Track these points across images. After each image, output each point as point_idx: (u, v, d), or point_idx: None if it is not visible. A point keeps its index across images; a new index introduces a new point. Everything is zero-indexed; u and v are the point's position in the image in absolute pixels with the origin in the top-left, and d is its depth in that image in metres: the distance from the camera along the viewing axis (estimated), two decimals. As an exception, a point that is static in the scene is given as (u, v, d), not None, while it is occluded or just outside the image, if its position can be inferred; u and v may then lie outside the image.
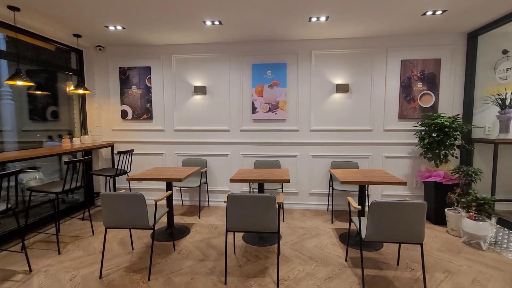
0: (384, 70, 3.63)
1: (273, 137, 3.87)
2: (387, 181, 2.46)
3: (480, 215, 2.66)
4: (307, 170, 3.85)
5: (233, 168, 3.97)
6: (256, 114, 3.85)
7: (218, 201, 4.05)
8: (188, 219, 3.48)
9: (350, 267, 2.30)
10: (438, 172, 3.18)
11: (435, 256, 2.49)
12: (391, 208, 1.84)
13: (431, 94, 3.58)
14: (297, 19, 3.00)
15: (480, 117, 3.55)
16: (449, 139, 3.19)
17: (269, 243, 2.75)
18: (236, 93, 3.88)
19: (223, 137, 3.95)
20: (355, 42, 3.64)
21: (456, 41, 3.51)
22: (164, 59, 3.96)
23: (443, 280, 2.11)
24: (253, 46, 3.79)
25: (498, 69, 3.41)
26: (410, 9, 2.77)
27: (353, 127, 3.74)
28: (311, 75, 3.73)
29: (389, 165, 3.73)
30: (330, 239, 2.85)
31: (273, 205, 2.03)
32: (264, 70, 3.78)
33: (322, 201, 3.87)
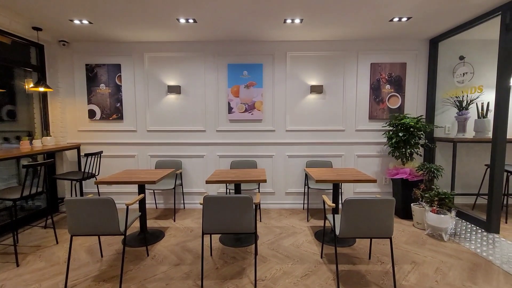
0: (355, 73, 3.79)
1: (249, 138, 3.87)
2: (359, 179, 2.57)
3: (442, 208, 2.86)
4: (283, 170, 3.90)
5: (209, 169, 3.91)
6: (232, 115, 3.82)
7: (194, 203, 3.96)
8: (162, 223, 3.36)
9: (325, 264, 2.36)
10: (404, 169, 3.38)
11: (402, 248, 2.64)
12: (363, 205, 1.92)
13: (398, 96, 3.80)
14: (273, 20, 3.03)
15: (441, 117, 3.83)
16: (414, 139, 3.40)
17: (247, 243, 2.74)
18: (211, 93, 3.82)
19: (198, 137, 3.88)
20: (328, 45, 3.76)
21: (419, 46, 3.76)
22: (136, 57, 3.80)
23: (410, 271, 2.24)
24: (229, 46, 3.77)
25: (456, 73, 3.70)
26: (378, 15, 2.91)
27: (327, 127, 3.85)
28: (287, 76, 3.79)
29: (361, 164, 3.89)
30: (306, 237, 2.91)
31: (250, 206, 2.02)
32: (240, 70, 3.77)
33: (298, 200, 3.94)
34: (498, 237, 2.81)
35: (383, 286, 2.03)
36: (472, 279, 2.11)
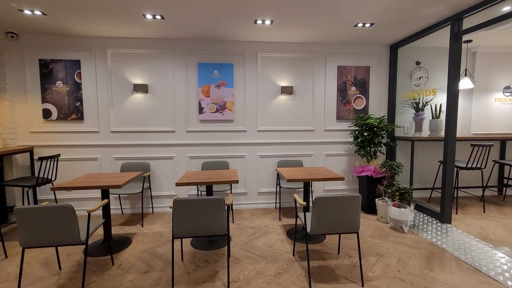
0: (323, 75, 3.92)
1: (221, 138, 3.82)
2: (328, 177, 2.66)
3: (402, 203, 3.08)
4: (255, 170, 3.91)
5: (179, 171, 3.79)
6: (203, 115, 3.74)
7: (163, 207, 3.81)
8: (129, 229, 3.18)
9: (297, 261, 2.41)
10: (369, 167, 3.57)
11: (368, 242, 2.79)
12: (332, 202, 1.99)
13: (362, 98, 4.01)
14: (243, 20, 3.02)
15: (400, 118, 4.12)
16: (377, 138, 3.61)
17: (219, 246, 2.70)
18: (181, 92, 3.71)
19: (168, 138, 3.74)
20: (298, 47, 3.85)
21: (381, 51, 4.00)
22: (97, 53, 3.55)
23: (375, 263, 2.37)
24: (199, 45, 3.69)
25: (413, 77, 4.01)
26: (344, 20, 3.04)
27: (297, 127, 3.94)
28: (258, 76, 3.81)
29: (330, 162, 4.04)
30: (278, 236, 2.95)
31: (222, 207, 1.99)
32: (211, 69, 3.71)
33: (270, 199, 3.98)
34: (450, 227, 3.09)
35: (351, 279, 2.13)
36: (429, 267, 2.29)
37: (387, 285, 2.04)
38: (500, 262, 2.32)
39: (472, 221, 3.29)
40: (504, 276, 2.11)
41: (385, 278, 2.13)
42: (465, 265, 2.31)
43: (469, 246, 2.62)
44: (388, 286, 2.04)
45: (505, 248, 2.57)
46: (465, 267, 2.28)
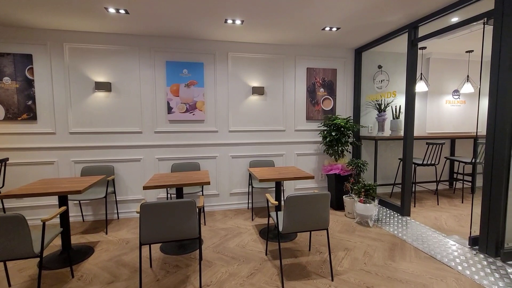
0: (293, 76, 4.01)
1: (191, 139, 3.73)
2: (299, 176, 2.72)
3: (367, 198, 3.25)
4: (227, 171, 3.88)
5: (147, 173, 3.62)
6: (172, 115, 3.62)
7: (130, 212, 3.62)
8: (91, 237, 2.96)
9: (270, 260, 2.43)
10: (337, 165, 3.73)
11: (337, 237, 2.91)
12: (303, 201, 2.04)
13: (330, 99, 4.17)
14: (213, 19, 2.97)
15: (365, 118, 4.36)
16: (344, 137, 3.77)
17: (191, 249, 2.63)
18: (148, 91, 3.55)
19: (134, 139, 3.55)
20: (268, 48, 3.88)
21: (347, 55, 4.20)
22: (53, 47, 3.26)
23: (343, 257, 2.48)
24: (167, 42, 3.55)
25: (375, 80, 4.26)
26: (312, 24, 3.14)
27: (268, 127, 3.98)
28: (229, 76, 3.77)
29: (300, 162, 4.14)
30: (251, 236, 2.95)
31: (193, 210, 1.94)
32: (180, 68, 3.59)
33: (243, 200, 3.97)
34: (410, 219, 3.34)
35: (322, 274, 2.19)
36: (392, 257, 2.45)
37: (355, 278, 2.14)
38: (452, 249, 2.55)
39: (428, 213, 3.59)
40: (455, 262, 2.33)
41: (352, 271, 2.23)
42: (422, 254, 2.51)
43: (425, 236, 2.84)
44: (356, 278, 2.13)
45: (455, 236, 2.84)
46: (422, 255, 2.47)
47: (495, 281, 2.04)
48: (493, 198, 2.34)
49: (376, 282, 2.09)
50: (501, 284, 2.01)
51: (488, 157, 2.37)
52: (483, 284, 2.02)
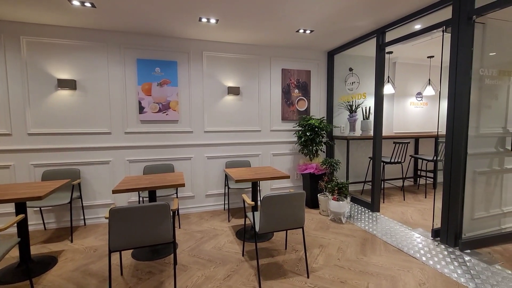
0: (268, 76, 4.04)
1: (165, 140, 3.60)
2: (275, 176, 2.74)
3: (340, 196, 3.37)
4: (202, 172, 3.80)
5: (117, 176, 3.44)
6: (144, 115, 3.47)
7: (99, 218, 3.41)
8: (54, 246, 2.75)
9: (247, 261, 2.42)
10: (312, 165, 3.82)
11: (312, 235, 2.97)
12: (279, 200, 2.05)
13: (305, 100, 4.26)
14: (187, 17, 2.90)
15: (338, 119, 4.51)
16: (318, 137, 3.88)
17: (165, 254, 2.54)
18: (118, 90, 3.37)
19: (103, 141, 3.36)
20: (244, 48, 3.88)
21: (320, 57, 4.32)
22: (8, 40, 2.98)
23: (318, 254, 2.54)
24: (138, 39, 3.41)
25: (347, 82, 4.42)
26: (286, 25, 3.18)
27: (244, 128, 3.97)
28: (204, 76, 3.71)
29: (276, 162, 4.19)
30: (227, 238, 2.92)
31: (167, 213, 1.87)
32: (152, 67, 3.46)
33: (219, 201, 3.92)
34: (379, 215, 3.51)
35: (298, 272, 2.23)
36: (363, 252, 2.56)
37: (329, 274, 2.20)
38: (417, 241, 2.73)
39: (395, 208, 3.80)
40: (420, 253, 2.49)
41: (327, 267, 2.30)
42: (391, 247, 2.65)
43: (393, 231, 3.01)
44: (330, 274, 2.20)
45: (420, 229, 3.04)
46: (391, 249, 2.61)
47: (454, 269, 2.21)
48: (452, 193, 2.53)
49: (349, 276, 2.16)
50: (460, 271, 2.18)
51: (447, 155, 2.56)
52: (444, 272, 2.18)
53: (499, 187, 2.77)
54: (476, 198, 2.65)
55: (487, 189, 2.70)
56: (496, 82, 2.60)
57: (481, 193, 2.67)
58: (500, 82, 2.62)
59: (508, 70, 2.64)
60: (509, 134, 2.70)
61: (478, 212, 2.67)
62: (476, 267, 2.23)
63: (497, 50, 2.57)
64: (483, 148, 2.62)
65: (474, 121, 2.54)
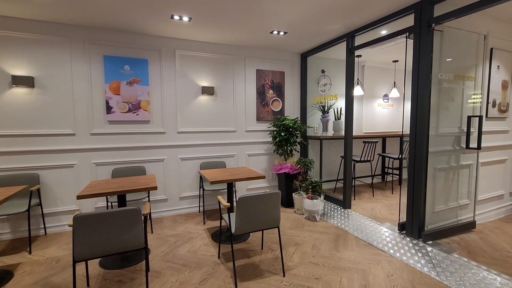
0: (243, 77, 4.03)
1: (135, 141, 3.44)
2: (250, 177, 2.74)
3: (314, 194, 3.45)
4: (176, 174, 3.69)
5: (82, 181, 3.22)
6: (112, 115, 3.29)
7: (62, 226, 3.17)
8: (9, 259, 2.50)
9: (223, 263, 2.39)
10: (286, 164, 3.87)
11: (288, 234, 3.01)
12: (255, 201, 2.05)
13: (279, 100, 4.32)
14: (158, 13, 2.80)
15: (311, 119, 4.63)
16: (293, 137, 3.94)
17: (136, 261, 2.42)
18: (83, 88, 3.16)
19: (65, 143, 3.12)
20: (218, 48, 3.83)
21: (294, 59, 4.40)
22: (-50, 31, 2.66)
23: (294, 252, 2.58)
24: (105, 35, 3.22)
25: (319, 83, 4.55)
26: (260, 26, 3.20)
27: (219, 128, 3.92)
28: (176, 75, 3.60)
29: (251, 162, 4.19)
30: (203, 240, 2.86)
31: (137, 218, 1.78)
32: (121, 64, 3.29)
33: (194, 203, 3.83)
34: (351, 211, 3.65)
35: (274, 271, 2.25)
36: (336, 248, 2.64)
37: (304, 271, 2.24)
38: (385, 235, 2.88)
39: (365, 204, 3.98)
40: (388, 246, 2.63)
41: (302, 265, 2.34)
42: (362, 242, 2.77)
43: (364, 226, 3.15)
44: (305, 271, 2.24)
45: (387, 223, 3.21)
46: (362, 243, 2.73)
47: (418, 260, 2.37)
48: (416, 188, 2.71)
49: (323, 272, 2.22)
50: (423, 261, 2.34)
51: (411, 153, 2.74)
52: (410, 263, 2.33)
53: (456, 182, 3.02)
54: (437, 192, 2.86)
55: (445, 184, 2.93)
56: (452, 86, 2.83)
57: (440, 188, 2.89)
58: (456, 86, 2.86)
59: (462, 75, 2.89)
60: (464, 133, 2.96)
61: (438, 205, 2.89)
62: (437, 256, 2.41)
63: (452, 56, 2.80)
64: (442, 146, 2.84)
65: (434, 121, 2.74)
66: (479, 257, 2.42)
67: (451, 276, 2.12)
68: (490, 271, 2.17)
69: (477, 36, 2.97)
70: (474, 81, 2.99)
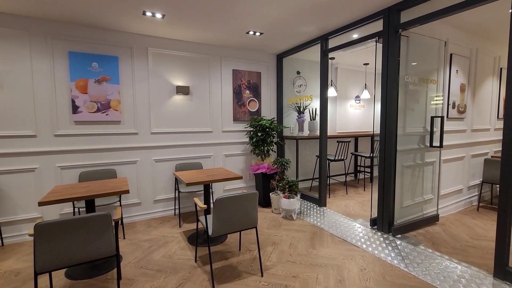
0: (219, 77, 3.99)
1: (105, 142, 3.27)
2: (227, 178, 2.71)
3: (291, 194, 3.50)
4: (150, 176, 3.56)
5: (45, 186, 2.99)
6: (78, 115, 3.09)
7: (21, 235, 2.91)
8: (-41, 275, 2.25)
9: (200, 266, 2.34)
10: (263, 164, 3.89)
11: (265, 233, 3.03)
12: (232, 201, 2.03)
13: (256, 101, 4.33)
14: (129, 9, 2.67)
15: (287, 119, 4.69)
16: (269, 138, 3.97)
17: (107, 269, 2.29)
18: (44, 86, 2.93)
19: (25, 145, 2.88)
20: (193, 47, 3.75)
21: (270, 59, 4.43)
22: None
23: (272, 252, 2.60)
24: (71, 30, 3.01)
25: (295, 84, 4.63)
26: (236, 26, 3.18)
27: (195, 128, 3.84)
28: (149, 73, 3.47)
29: (229, 163, 4.15)
30: (179, 244, 2.78)
31: (107, 224, 1.69)
32: (88, 61, 3.11)
33: (169, 206, 3.72)
34: (326, 209, 3.76)
35: (252, 272, 2.24)
36: (313, 245, 2.70)
37: (282, 270, 2.27)
38: (358, 231, 3.00)
39: (339, 202, 4.12)
40: (361, 242, 2.74)
41: (280, 264, 2.36)
42: (336, 238, 2.86)
43: (338, 223, 3.25)
44: (283, 270, 2.26)
45: (360, 219, 3.34)
46: (336, 240, 2.82)
47: (388, 253, 2.49)
48: (386, 185, 2.85)
49: (300, 270, 2.26)
50: (393, 254, 2.47)
51: (381, 152, 2.88)
52: (381, 257, 2.44)
53: (421, 178, 3.22)
54: (404, 189, 3.03)
55: (412, 180, 3.12)
56: (417, 88, 3.02)
57: (407, 184, 3.07)
58: (420, 88, 3.06)
59: (426, 78, 3.09)
60: (428, 132, 3.17)
61: (406, 201, 3.07)
62: (405, 249, 2.55)
63: (417, 60, 2.99)
64: (408, 145, 3.01)
65: (402, 122, 2.90)
66: (442, 248, 2.60)
67: (418, 267, 2.25)
68: (451, 260, 2.34)
69: (438, 42, 3.20)
70: (436, 84, 3.22)
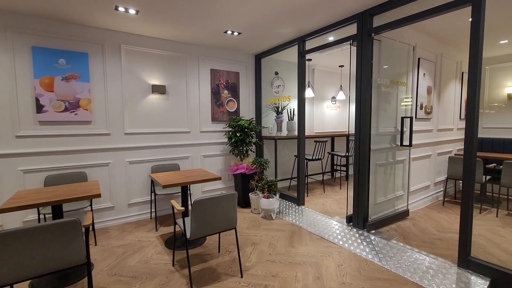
0: (197, 76, 3.91)
1: (74, 144, 3.08)
2: (206, 179, 2.67)
3: (270, 193, 3.53)
4: (123, 179, 3.41)
5: (6, 191, 2.76)
6: (44, 114, 2.88)
7: (-22, 245, 2.66)
8: None
9: (178, 270, 2.28)
10: (242, 165, 3.88)
11: (245, 234, 3.02)
12: (211, 203, 2.00)
13: (234, 101, 4.30)
14: (100, 3, 2.53)
15: (266, 120, 4.72)
16: (248, 138, 3.97)
17: (77, 278, 2.16)
18: (3, 83, 2.70)
19: (-19, 147, 2.64)
20: (170, 45, 3.65)
21: (248, 60, 4.43)
22: None
23: (251, 252, 2.59)
24: (35, 23, 2.80)
25: (273, 85, 4.67)
26: (214, 25, 3.14)
27: (172, 129, 3.74)
28: (122, 71, 3.32)
29: (207, 163, 4.09)
30: (155, 249, 2.69)
31: (77, 231, 1.59)
32: (55, 57, 2.91)
33: (144, 209, 3.58)
34: (304, 208, 3.83)
35: (232, 273, 2.22)
36: (292, 244, 2.74)
37: (262, 270, 2.27)
38: (335, 228, 3.08)
39: (317, 200, 4.21)
40: (337, 238, 2.82)
41: (260, 264, 2.36)
42: (315, 236, 2.92)
43: (316, 221, 3.32)
44: (263, 270, 2.27)
45: (337, 217, 3.44)
46: (315, 238, 2.88)
47: (363, 248, 2.59)
48: (360, 183, 2.96)
49: (280, 269, 2.28)
50: (368, 250, 2.56)
51: (356, 151, 2.98)
52: (357, 252, 2.53)
53: (393, 175, 3.38)
54: (378, 186, 3.17)
55: (384, 178, 3.26)
56: (389, 90, 3.17)
57: (380, 182, 3.21)
58: (392, 90, 3.21)
59: (396, 80, 3.25)
60: (398, 132, 3.33)
61: (379, 197, 3.20)
62: (379, 244, 2.66)
63: (389, 63, 3.14)
64: (381, 144, 3.15)
65: (375, 122, 3.03)
66: (412, 241, 2.75)
67: (391, 260, 2.36)
68: (421, 252, 2.48)
69: (408, 47, 3.38)
70: (405, 86, 3.40)
